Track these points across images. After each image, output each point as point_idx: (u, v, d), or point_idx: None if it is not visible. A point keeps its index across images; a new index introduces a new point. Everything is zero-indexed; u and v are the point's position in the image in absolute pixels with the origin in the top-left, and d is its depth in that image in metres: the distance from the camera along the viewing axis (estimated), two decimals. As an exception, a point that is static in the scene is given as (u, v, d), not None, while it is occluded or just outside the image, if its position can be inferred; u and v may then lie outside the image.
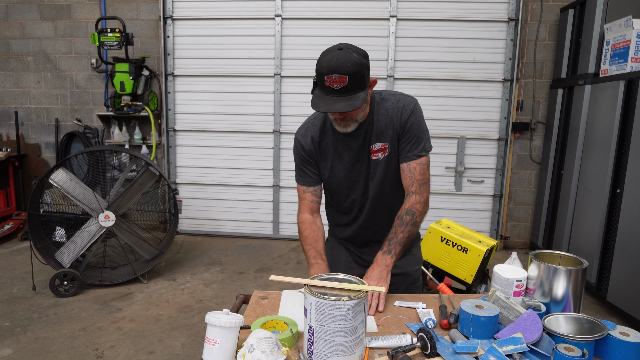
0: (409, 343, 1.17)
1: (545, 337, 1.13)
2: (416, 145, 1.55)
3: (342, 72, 1.34)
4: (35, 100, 5.08)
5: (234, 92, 4.71)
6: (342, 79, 1.34)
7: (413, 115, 1.54)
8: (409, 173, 1.57)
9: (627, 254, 3.06)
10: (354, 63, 1.35)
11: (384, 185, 1.62)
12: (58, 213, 3.56)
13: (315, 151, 1.64)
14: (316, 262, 1.59)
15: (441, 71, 4.47)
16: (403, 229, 1.54)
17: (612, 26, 3.46)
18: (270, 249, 4.52)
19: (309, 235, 1.65)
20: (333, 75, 1.35)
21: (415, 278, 1.77)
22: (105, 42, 4.33)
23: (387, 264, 1.51)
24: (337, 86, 1.36)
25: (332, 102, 1.37)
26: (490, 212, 4.68)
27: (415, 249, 1.80)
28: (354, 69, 1.35)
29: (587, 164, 3.68)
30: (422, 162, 1.57)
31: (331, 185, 1.69)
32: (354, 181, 1.64)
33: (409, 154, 1.56)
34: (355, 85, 1.37)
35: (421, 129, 1.56)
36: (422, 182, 1.57)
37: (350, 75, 1.34)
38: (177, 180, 4.92)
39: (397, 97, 1.57)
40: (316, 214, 1.72)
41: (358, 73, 1.36)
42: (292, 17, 4.52)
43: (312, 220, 1.69)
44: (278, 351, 1.04)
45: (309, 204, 1.70)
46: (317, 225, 1.69)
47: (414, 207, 1.55)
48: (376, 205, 1.66)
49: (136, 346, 2.66)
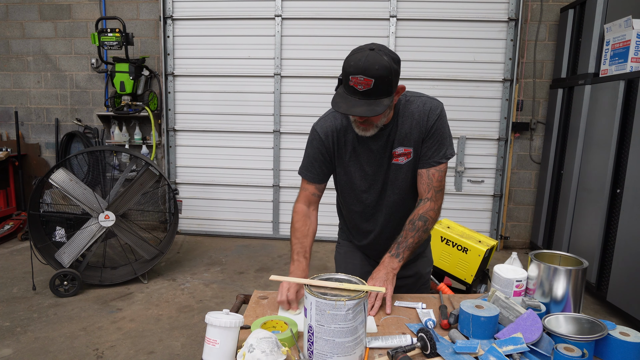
0: (409, 343, 1.17)
1: (545, 337, 1.13)
2: (438, 152, 1.51)
3: (369, 75, 1.27)
4: (35, 100, 5.08)
5: (234, 92, 4.71)
6: (368, 82, 1.27)
7: (440, 120, 1.49)
8: (427, 179, 1.52)
9: (627, 254, 3.06)
10: (382, 67, 1.27)
11: (406, 191, 1.58)
12: (58, 213, 3.56)
13: (332, 147, 1.57)
14: (298, 259, 1.55)
15: (441, 71, 4.47)
16: (414, 234, 1.50)
17: (612, 26, 3.46)
18: (270, 249, 4.51)
19: (299, 228, 1.61)
20: (359, 76, 1.28)
21: (427, 280, 1.77)
22: (105, 42, 4.33)
23: (394, 267, 1.49)
24: (362, 88, 1.29)
25: (354, 105, 1.31)
26: (490, 212, 4.68)
27: (427, 250, 1.79)
28: (382, 73, 1.27)
29: (587, 163, 3.68)
30: (441, 170, 1.52)
31: (344, 186, 1.63)
32: (370, 185, 1.58)
33: (430, 160, 1.51)
34: (381, 90, 1.30)
35: (444, 135, 1.51)
36: (438, 189, 1.53)
37: (377, 78, 1.27)
38: (177, 180, 4.92)
39: (423, 100, 1.51)
40: (313, 206, 1.66)
41: (386, 78, 1.28)
42: (292, 17, 4.52)
43: (306, 213, 1.63)
44: (278, 351, 1.04)
45: (309, 195, 1.64)
46: (311, 219, 1.64)
47: (428, 214, 1.52)
48: (396, 211, 1.61)
49: (136, 346, 2.66)
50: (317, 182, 1.63)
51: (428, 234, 1.56)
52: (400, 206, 1.61)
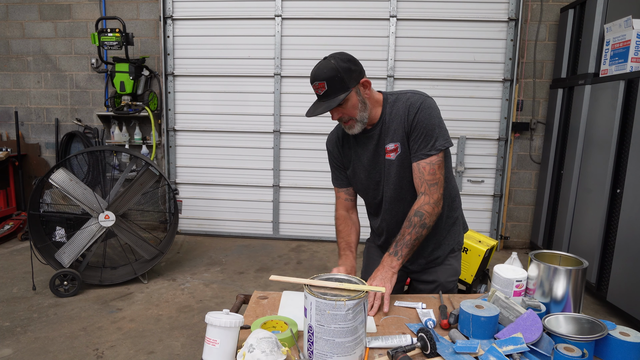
0: (409, 343, 1.17)
1: (545, 337, 1.13)
2: (424, 144, 1.52)
3: (320, 79, 1.46)
4: (35, 100, 5.08)
5: (234, 92, 4.71)
6: (322, 85, 1.47)
7: (420, 112, 1.51)
8: (419, 173, 1.54)
9: (627, 254, 3.06)
10: (329, 69, 1.45)
11: (401, 185, 1.61)
12: (58, 213, 3.56)
13: (339, 154, 1.73)
14: (344, 254, 1.67)
15: (441, 71, 4.47)
16: (411, 231, 1.52)
17: (612, 26, 3.46)
18: (270, 249, 4.52)
19: (342, 229, 1.74)
20: (315, 83, 1.48)
21: (449, 289, 1.71)
22: (105, 42, 4.33)
23: (393, 266, 1.50)
24: (320, 92, 1.48)
25: (317, 107, 1.50)
26: (490, 212, 4.68)
27: (454, 259, 1.74)
28: (330, 74, 1.45)
29: (587, 164, 3.68)
30: (432, 162, 1.52)
31: (357, 187, 1.75)
32: (375, 182, 1.66)
33: (418, 153, 1.54)
34: (335, 88, 1.46)
35: (429, 126, 1.52)
36: (431, 182, 1.53)
37: (327, 80, 1.45)
38: (177, 180, 4.92)
39: (407, 96, 1.58)
40: (352, 210, 1.79)
41: (335, 77, 1.45)
42: (292, 17, 4.52)
43: (346, 216, 1.76)
44: (278, 351, 1.04)
45: (343, 201, 1.78)
46: (352, 220, 1.77)
47: (423, 209, 1.53)
48: (396, 206, 1.65)
49: (136, 346, 2.66)
50: (344, 187, 1.78)
51: (427, 229, 1.54)
52: (399, 202, 1.64)
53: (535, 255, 1.38)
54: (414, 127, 1.53)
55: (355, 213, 1.80)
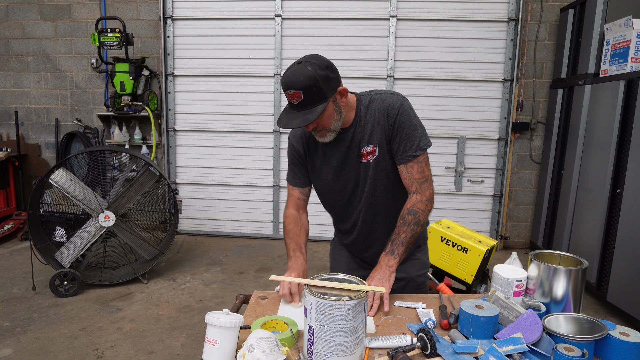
0: (409, 343, 1.17)
1: (545, 337, 1.13)
2: (409, 145, 1.51)
3: (295, 88, 1.34)
4: (35, 100, 5.08)
5: (234, 92, 4.71)
6: (297, 94, 1.35)
7: (400, 115, 1.49)
8: (407, 173, 1.53)
9: (627, 254, 3.06)
10: (307, 77, 1.33)
11: (377, 188, 1.59)
12: (58, 213, 3.56)
13: (304, 152, 1.65)
14: (294, 255, 1.59)
15: (441, 71, 4.47)
16: (405, 229, 1.51)
17: (612, 26, 3.46)
18: (270, 249, 4.52)
19: (291, 229, 1.66)
20: (289, 91, 1.36)
21: (420, 283, 1.73)
22: (105, 42, 4.33)
23: (390, 265, 1.50)
24: (295, 101, 1.37)
25: (292, 118, 1.39)
26: (490, 212, 4.68)
27: (421, 253, 1.76)
28: (307, 83, 1.33)
29: (587, 164, 3.68)
30: (419, 161, 1.52)
31: (320, 188, 1.69)
32: (343, 185, 1.61)
33: (404, 155, 1.51)
34: (313, 99, 1.36)
35: (412, 128, 1.50)
36: (421, 180, 1.53)
37: (303, 90, 1.34)
38: (177, 180, 4.92)
39: (382, 97, 1.53)
40: (302, 210, 1.73)
41: (312, 87, 1.34)
42: (292, 17, 4.52)
43: (296, 216, 1.69)
44: (278, 351, 1.04)
45: (295, 200, 1.72)
46: (302, 220, 1.70)
47: (416, 207, 1.52)
48: (371, 209, 1.63)
49: (136, 346, 2.66)
50: (300, 187, 1.70)
51: (422, 226, 1.55)
52: (374, 204, 1.62)
53: (535, 255, 1.38)
54: (396, 129, 1.50)
55: (305, 213, 1.74)
